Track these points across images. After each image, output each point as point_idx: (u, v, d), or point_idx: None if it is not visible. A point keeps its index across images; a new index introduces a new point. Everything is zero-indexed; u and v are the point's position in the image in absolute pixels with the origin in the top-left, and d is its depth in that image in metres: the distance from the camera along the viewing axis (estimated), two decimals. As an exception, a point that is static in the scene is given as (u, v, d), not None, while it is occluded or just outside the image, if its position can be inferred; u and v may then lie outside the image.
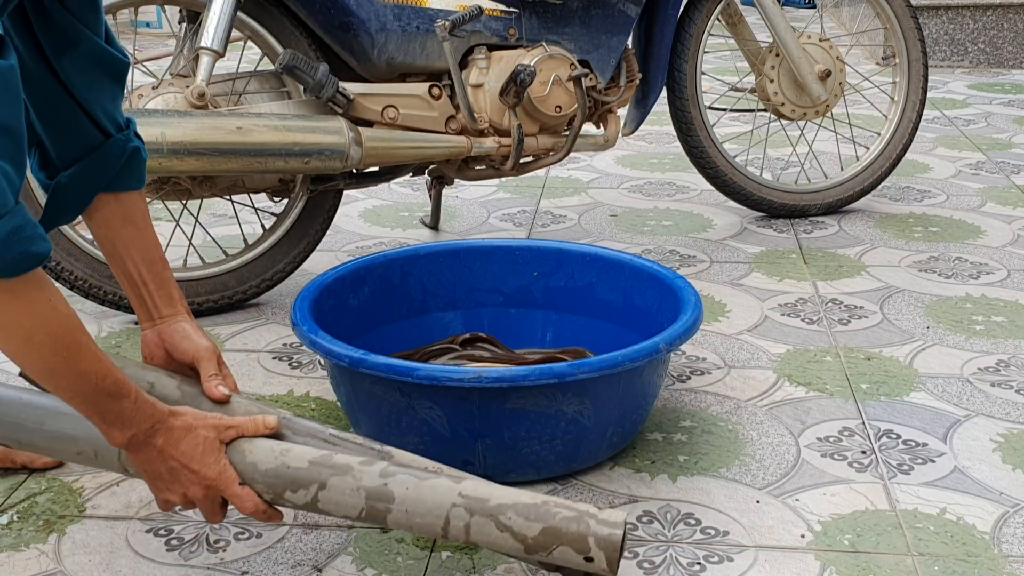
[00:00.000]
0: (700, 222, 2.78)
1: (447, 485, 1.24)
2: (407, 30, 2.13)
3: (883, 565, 1.39)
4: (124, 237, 1.41)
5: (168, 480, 1.26)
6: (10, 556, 1.41)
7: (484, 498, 1.22)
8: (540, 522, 1.20)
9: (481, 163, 2.30)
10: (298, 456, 1.27)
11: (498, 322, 1.95)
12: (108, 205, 1.40)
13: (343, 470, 1.25)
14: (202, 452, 1.24)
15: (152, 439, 1.22)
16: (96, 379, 1.16)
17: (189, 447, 1.24)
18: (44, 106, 1.32)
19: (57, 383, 1.16)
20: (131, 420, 1.20)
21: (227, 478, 1.26)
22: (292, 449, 1.28)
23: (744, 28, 2.68)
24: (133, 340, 2.07)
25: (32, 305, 1.10)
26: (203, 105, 2.00)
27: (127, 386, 1.20)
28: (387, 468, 1.26)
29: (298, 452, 1.28)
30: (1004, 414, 1.78)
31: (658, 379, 1.65)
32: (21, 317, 1.10)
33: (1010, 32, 4.93)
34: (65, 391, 1.17)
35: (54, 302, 1.13)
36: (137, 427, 1.21)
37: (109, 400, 1.18)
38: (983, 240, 2.63)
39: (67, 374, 1.15)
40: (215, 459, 1.25)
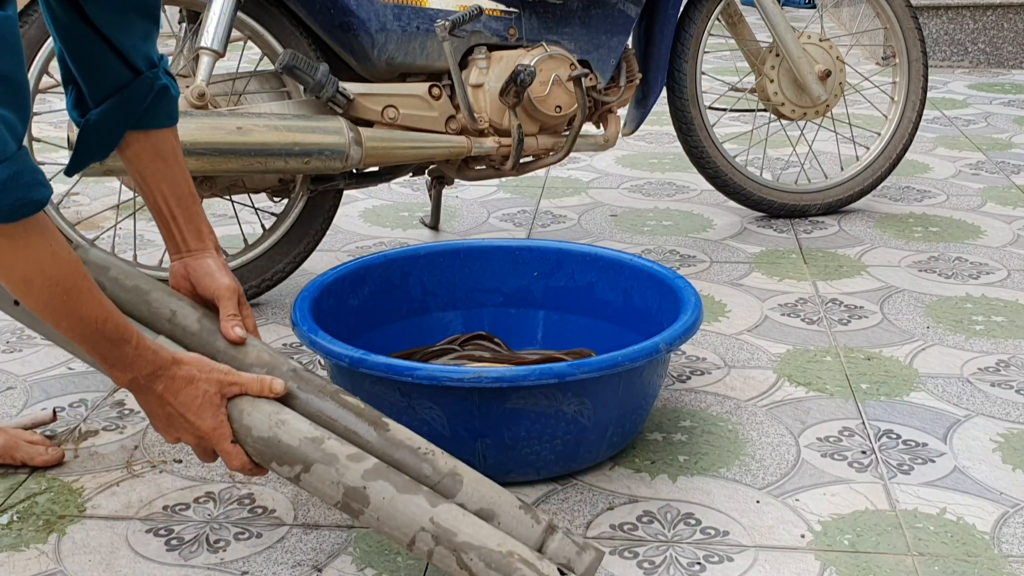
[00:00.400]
0: (700, 222, 2.78)
1: (421, 507, 1.24)
2: (407, 30, 2.13)
3: (883, 565, 1.39)
4: (153, 171, 1.41)
5: (164, 423, 1.30)
6: (10, 556, 1.41)
7: (452, 531, 1.23)
8: (500, 573, 1.21)
9: (481, 163, 2.30)
10: (291, 432, 1.28)
11: (498, 322, 1.95)
12: (138, 142, 1.40)
13: (329, 459, 1.27)
14: (200, 405, 1.27)
15: (152, 384, 1.26)
16: (96, 323, 1.19)
17: (188, 398, 1.27)
18: (73, 46, 1.34)
19: (57, 323, 1.18)
20: (132, 364, 1.24)
21: (220, 434, 1.29)
22: (288, 422, 1.29)
23: (744, 28, 2.68)
24: (133, 340, 2.07)
25: (30, 250, 1.12)
26: (203, 105, 2.00)
27: (128, 331, 1.22)
28: (373, 468, 1.26)
29: (292, 428, 1.29)
30: (1004, 414, 1.78)
31: (658, 379, 1.65)
32: (19, 261, 1.12)
33: (1010, 32, 4.93)
34: (66, 331, 1.20)
35: (54, 247, 1.14)
36: (137, 371, 1.24)
37: (110, 344, 1.21)
38: (983, 240, 2.64)
39: (67, 316, 1.18)
40: (212, 414, 1.28)
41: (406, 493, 1.25)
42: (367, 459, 1.28)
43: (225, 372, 1.30)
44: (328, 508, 1.52)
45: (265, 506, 1.53)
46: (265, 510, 1.52)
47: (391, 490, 1.25)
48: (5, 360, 1.99)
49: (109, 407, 1.82)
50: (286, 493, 1.56)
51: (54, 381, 1.91)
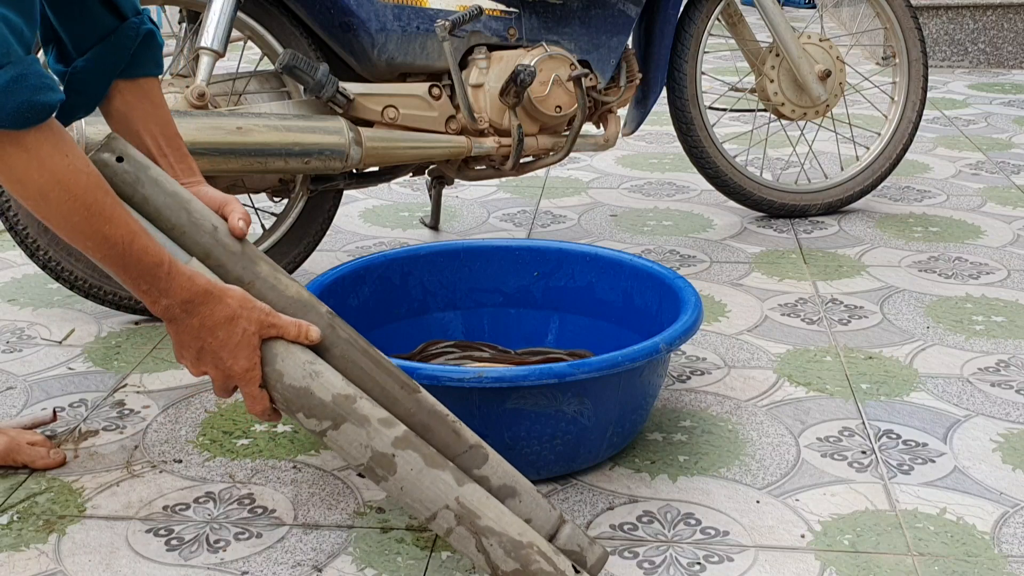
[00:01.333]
0: (700, 222, 2.78)
1: (448, 484, 1.24)
2: (407, 30, 2.13)
3: (883, 565, 1.39)
4: (143, 115, 1.38)
5: (194, 356, 1.24)
6: (10, 556, 1.41)
7: (476, 514, 1.23)
8: (517, 563, 1.21)
9: (481, 163, 2.30)
10: (325, 386, 1.24)
11: (498, 322, 1.95)
12: (127, 90, 1.38)
13: (361, 421, 1.23)
14: (237, 344, 1.22)
15: (189, 316, 1.20)
16: (122, 244, 1.14)
17: (226, 335, 1.21)
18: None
19: (83, 244, 1.13)
20: (165, 290, 1.18)
21: (252, 376, 1.24)
22: (323, 374, 1.25)
23: (744, 28, 2.68)
24: (133, 340, 2.07)
25: (44, 160, 1.08)
26: (203, 105, 2.00)
27: (158, 254, 1.17)
28: (403, 435, 1.24)
29: (326, 381, 1.24)
30: (1004, 414, 1.78)
31: (658, 379, 1.65)
32: (33, 172, 1.08)
33: (1010, 32, 4.93)
34: (92, 253, 1.14)
35: (71, 159, 1.10)
36: (171, 298, 1.18)
37: (139, 268, 1.16)
38: (983, 240, 2.64)
39: (91, 236, 1.13)
40: (247, 355, 1.23)
41: (434, 468, 1.23)
42: (397, 426, 1.25)
43: (267, 313, 1.24)
44: (328, 508, 1.52)
45: (265, 506, 1.53)
46: (265, 510, 1.52)
47: (420, 462, 1.23)
48: (5, 360, 2.00)
49: (109, 407, 1.82)
50: (286, 493, 1.56)
51: (54, 381, 1.91)
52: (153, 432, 1.74)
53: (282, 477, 1.60)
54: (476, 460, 1.29)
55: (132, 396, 1.86)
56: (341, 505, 1.53)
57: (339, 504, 1.53)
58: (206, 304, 1.20)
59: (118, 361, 1.99)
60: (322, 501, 1.54)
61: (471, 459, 1.29)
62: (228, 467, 1.63)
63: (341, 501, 1.54)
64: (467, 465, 1.28)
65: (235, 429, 1.74)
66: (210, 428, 1.74)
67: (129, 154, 1.29)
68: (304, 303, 1.31)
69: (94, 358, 2.00)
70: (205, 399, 1.84)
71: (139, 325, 2.14)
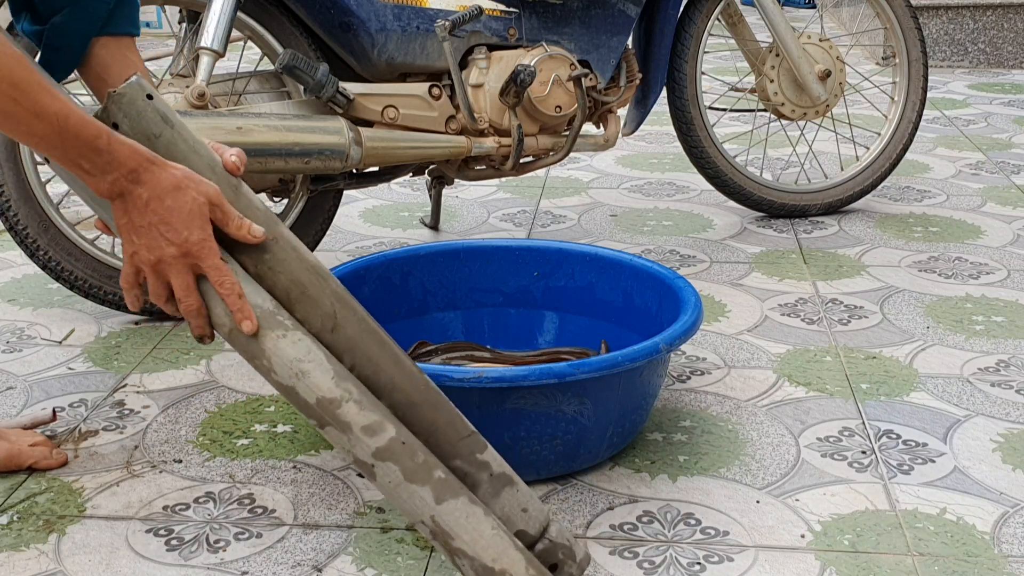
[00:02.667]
0: (700, 222, 2.78)
1: (424, 502, 1.22)
2: (407, 30, 2.13)
3: (883, 565, 1.39)
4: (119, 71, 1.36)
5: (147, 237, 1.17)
6: (10, 556, 1.41)
7: (450, 535, 1.21)
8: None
9: (481, 163, 2.30)
10: (311, 387, 1.20)
11: (498, 322, 1.95)
12: (104, 48, 1.36)
13: (343, 428, 1.21)
14: (188, 212, 1.16)
15: (136, 186, 1.16)
16: (57, 120, 1.11)
17: (175, 203, 1.16)
18: None
19: (17, 129, 1.10)
20: (108, 163, 1.14)
21: (209, 247, 1.17)
22: (310, 374, 1.20)
23: (744, 28, 2.68)
24: (133, 340, 2.07)
25: None
26: (203, 105, 2.00)
27: (95, 127, 1.13)
28: (386, 446, 1.21)
29: (313, 382, 1.20)
30: (1004, 414, 1.78)
31: (658, 379, 1.65)
32: None
33: (1010, 32, 4.93)
34: (30, 138, 1.11)
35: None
36: (116, 170, 1.14)
37: (79, 144, 1.12)
38: (983, 240, 2.64)
39: (24, 118, 1.10)
40: (200, 225, 1.17)
41: (413, 483, 1.21)
42: (383, 433, 1.21)
43: (215, 189, 1.18)
44: (328, 508, 1.52)
45: (265, 506, 1.53)
46: (265, 510, 1.52)
47: (399, 476, 1.21)
48: (5, 360, 2.00)
49: (109, 407, 1.82)
50: (286, 493, 1.56)
51: (54, 381, 1.91)
52: (153, 432, 1.74)
53: (282, 477, 1.60)
54: (478, 445, 1.27)
55: (132, 396, 1.86)
56: (341, 505, 1.53)
57: (339, 504, 1.53)
58: (151, 171, 1.16)
59: (118, 361, 1.99)
60: (322, 501, 1.54)
61: (473, 443, 1.27)
62: (228, 467, 1.63)
63: (341, 501, 1.54)
64: (471, 450, 1.27)
65: (235, 429, 1.74)
66: (210, 428, 1.74)
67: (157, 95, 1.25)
68: (321, 272, 1.26)
69: (94, 358, 2.00)
70: (205, 399, 1.84)
71: (139, 325, 2.14)
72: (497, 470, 1.28)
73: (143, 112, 1.21)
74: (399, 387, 1.25)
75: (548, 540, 1.29)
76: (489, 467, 1.27)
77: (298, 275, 1.24)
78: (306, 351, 1.21)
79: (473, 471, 1.26)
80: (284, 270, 1.24)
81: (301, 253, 1.25)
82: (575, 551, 1.29)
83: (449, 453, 1.26)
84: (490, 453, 1.28)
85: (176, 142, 1.23)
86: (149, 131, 1.22)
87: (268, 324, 1.20)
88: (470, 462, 1.26)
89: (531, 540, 1.28)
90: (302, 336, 1.21)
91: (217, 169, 1.24)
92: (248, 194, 1.26)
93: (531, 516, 1.29)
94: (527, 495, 1.29)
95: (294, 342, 1.20)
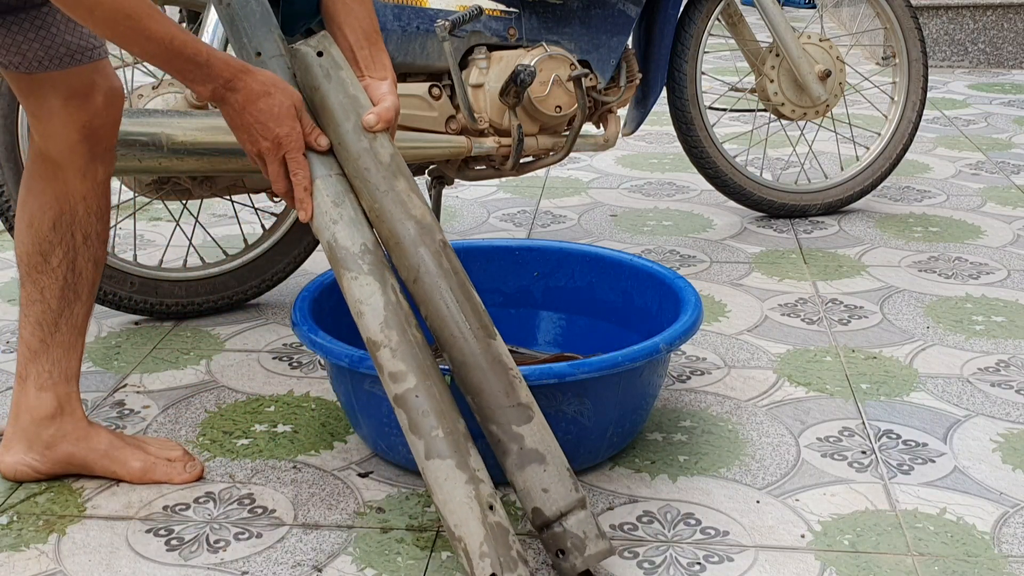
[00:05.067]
0: (700, 222, 2.79)
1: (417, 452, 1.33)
2: (407, 30, 2.13)
3: (883, 565, 1.39)
4: (344, 8, 1.50)
5: (246, 133, 1.39)
6: (10, 556, 1.41)
7: (431, 489, 1.32)
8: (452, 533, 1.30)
9: (481, 163, 2.29)
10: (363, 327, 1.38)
11: (498, 322, 1.94)
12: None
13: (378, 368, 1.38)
14: (277, 114, 1.38)
15: (234, 92, 1.36)
16: (164, 41, 1.29)
17: (267, 106, 1.37)
18: None
19: (131, 48, 1.29)
20: (208, 74, 1.34)
21: (292, 140, 1.39)
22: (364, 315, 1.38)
23: (744, 28, 2.68)
24: (133, 340, 2.07)
25: None
26: (203, 105, 2.00)
27: (196, 45, 1.32)
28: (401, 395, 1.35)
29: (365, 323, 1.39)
30: (1004, 414, 1.78)
31: (658, 379, 1.65)
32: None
33: (1010, 32, 4.93)
34: (144, 55, 1.30)
35: None
36: (215, 80, 1.34)
37: (183, 60, 1.31)
38: (983, 240, 2.64)
39: (137, 40, 1.28)
40: (289, 123, 1.38)
41: (412, 433, 1.33)
42: (403, 383, 1.34)
43: (298, 96, 1.40)
44: (328, 508, 1.52)
45: (265, 506, 1.53)
46: (265, 510, 1.52)
47: (405, 423, 1.34)
48: (5, 360, 1.99)
49: (109, 407, 1.82)
50: (286, 493, 1.56)
51: (54, 381, 1.90)
52: (153, 432, 1.73)
53: (282, 477, 1.60)
54: (520, 417, 1.35)
55: (132, 396, 1.86)
56: (341, 505, 1.53)
57: (339, 504, 1.53)
58: (243, 80, 1.36)
59: (118, 361, 1.99)
60: (322, 501, 1.54)
61: (514, 415, 1.35)
62: (228, 467, 1.63)
63: (341, 501, 1.54)
64: (508, 419, 1.35)
65: (235, 429, 1.74)
66: (210, 428, 1.74)
67: (330, 52, 1.45)
68: (424, 225, 1.43)
69: (94, 358, 2.00)
70: (205, 399, 1.84)
71: (139, 325, 2.14)
72: (530, 446, 1.34)
73: (311, 66, 1.44)
74: (457, 346, 1.38)
75: (562, 526, 1.32)
76: (522, 440, 1.34)
77: (395, 227, 1.43)
78: (369, 295, 1.38)
79: (506, 440, 1.35)
80: (387, 219, 1.43)
81: (408, 208, 1.43)
82: (586, 545, 1.31)
83: (488, 417, 1.36)
84: (529, 428, 1.35)
85: (332, 94, 1.43)
86: (310, 83, 1.44)
87: (346, 264, 1.40)
88: (505, 431, 1.35)
89: (544, 520, 1.33)
90: (371, 281, 1.38)
91: (375, 143, 1.44)
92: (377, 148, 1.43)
93: (550, 497, 1.32)
94: (556, 478, 1.33)
95: (362, 285, 1.38)
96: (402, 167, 1.45)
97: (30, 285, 1.53)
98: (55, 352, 1.54)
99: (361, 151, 1.43)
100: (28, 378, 1.55)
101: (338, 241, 1.40)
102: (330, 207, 1.41)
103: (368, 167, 1.42)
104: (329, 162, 1.43)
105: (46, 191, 1.51)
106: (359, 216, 1.42)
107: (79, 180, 1.50)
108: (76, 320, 1.55)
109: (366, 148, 1.43)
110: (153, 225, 2.73)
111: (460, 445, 1.32)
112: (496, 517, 1.29)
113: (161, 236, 2.63)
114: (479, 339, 1.38)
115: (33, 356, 1.54)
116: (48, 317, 1.53)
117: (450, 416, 1.34)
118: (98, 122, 1.49)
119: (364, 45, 1.49)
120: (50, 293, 1.52)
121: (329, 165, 1.43)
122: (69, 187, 1.50)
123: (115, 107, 1.51)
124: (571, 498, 1.33)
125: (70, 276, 1.53)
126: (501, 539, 1.27)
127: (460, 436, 1.33)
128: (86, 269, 1.54)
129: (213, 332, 2.12)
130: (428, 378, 1.35)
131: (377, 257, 1.40)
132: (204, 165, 1.97)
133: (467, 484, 1.29)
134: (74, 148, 1.48)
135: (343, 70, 1.45)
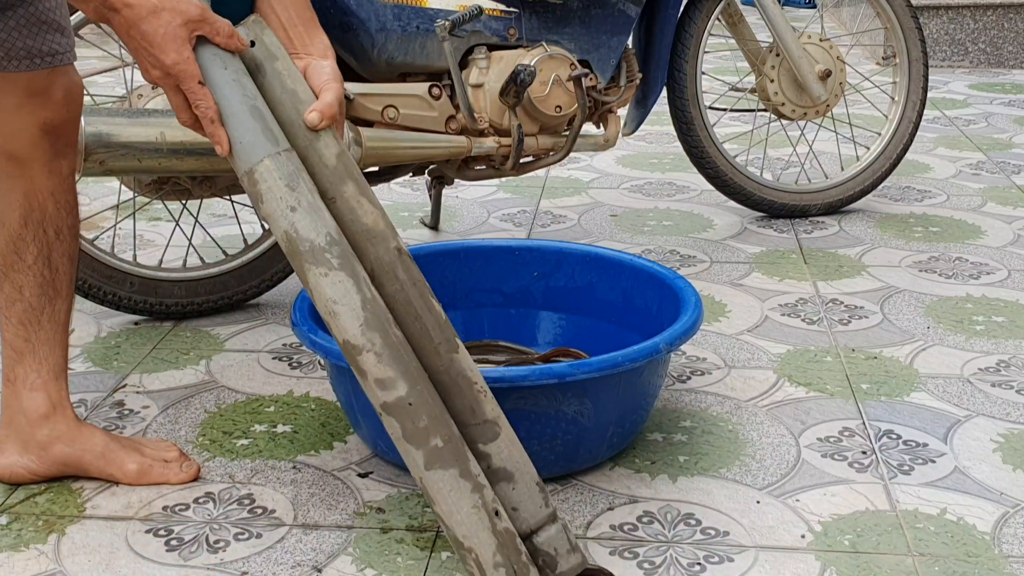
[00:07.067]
0: (700, 222, 2.78)
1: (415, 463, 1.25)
2: (407, 30, 2.13)
3: (883, 565, 1.39)
4: None
5: (140, 60, 1.25)
6: (10, 556, 1.41)
7: (432, 500, 1.25)
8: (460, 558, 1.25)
9: (481, 163, 2.29)
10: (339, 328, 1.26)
11: (498, 322, 1.95)
12: None
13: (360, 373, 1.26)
14: (163, 36, 1.21)
15: (113, 13, 1.22)
16: None
17: (151, 28, 1.21)
18: None
19: None
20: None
21: (184, 71, 1.23)
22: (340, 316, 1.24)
23: (744, 28, 2.68)
24: (133, 340, 2.07)
25: None
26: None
27: None
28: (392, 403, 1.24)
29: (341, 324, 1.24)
30: (1004, 414, 1.78)
31: (658, 379, 1.65)
32: None
33: (1010, 32, 4.93)
34: None
35: None
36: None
37: None
38: (983, 240, 2.63)
39: None
40: (176, 48, 1.22)
41: (408, 443, 1.25)
42: (393, 390, 1.24)
43: (196, 8, 1.23)
44: (328, 508, 1.52)
45: (265, 506, 1.53)
46: (265, 510, 1.52)
47: (398, 432, 1.25)
48: None
49: (109, 407, 1.82)
50: (286, 493, 1.56)
51: (54, 381, 1.91)
52: (153, 432, 1.73)
53: (282, 477, 1.60)
54: (485, 435, 1.29)
55: (132, 396, 1.86)
56: (341, 505, 1.53)
57: (339, 504, 1.53)
58: None
59: (118, 361, 1.99)
60: (322, 501, 1.54)
61: (480, 432, 1.29)
62: (228, 467, 1.63)
63: (341, 501, 1.54)
64: (475, 437, 1.29)
65: (235, 429, 1.74)
66: (210, 428, 1.74)
67: (262, 39, 1.31)
68: (375, 233, 1.30)
69: (94, 358, 2.00)
70: (205, 399, 1.84)
71: (139, 325, 2.14)
72: (497, 464, 1.29)
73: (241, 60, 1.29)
74: (425, 359, 1.29)
75: (532, 544, 1.29)
76: (489, 458, 1.29)
77: (354, 231, 1.29)
78: (343, 293, 1.24)
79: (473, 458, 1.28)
80: (344, 223, 1.29)
81: (358, 214, 1.29)
82: (558, 561, 1.29)
83: None
84: (496, 445, 1.30)
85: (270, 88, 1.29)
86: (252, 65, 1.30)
87: (312, 259, 1.24)
88: (473, 449, 1.29)
89: None
90: (344, 277, 1.24)
91: (317, 142, 1.29)
92: (321, 149, 1.29)
93: (519, 516, 1.29)
94: (525, 495, 1.30)
95: (333, 283, 1.24)
96: (350, 168, 1.31)
97: (8, 286, 1.51)
98: (41, 350, 1.53)
99: (306, 152, 1.29)
100: (16, 380, 1.54)
101: (299, 232, 1.24)
102: (284, 191, 1.24)
103: (315, 170, 1.29)
104: (277, 135, 1.27)
105: (14, 189, 1.49)
106: (317, 200, 1.26)
107: (45, 176, 1.49)
108: (58, 316, 1.54)
109: (309, 148, 1.29)
110: (153, 225, 2.73)
111: (460, 452, 1.26)
112: (503, 523, 1.26)
113: (161, 236, 2.63)
114: (445, 355, 1.30)
115: (19, 357, 1.54)
116: (30, 315, 1.52)
117: (444, 421, 1.26)
118: (59, 119, 1.47)
119: (297, 23, 1.37)
120: (29, 291, 1.51)
121: (277, 139, 1.26)
122: (36, 184, 1.49)
123: (75, 103, 1.49)
124: (541, 515, 1.30)
125: (47, 272, 1.51)
126: (511, 545, 1.25)
127: (458, 442, 1.26)
128: (62, 264, 1.53)
129: (213, 332, 2.12)
130: (418, 383, 1.25)
131: (344, 248, 1.26)
132: (204, 165, 1.97)
133: (472, 493, 1.24)
134: (37, 144, 1.47)
135: (279, 60, 1.31)
